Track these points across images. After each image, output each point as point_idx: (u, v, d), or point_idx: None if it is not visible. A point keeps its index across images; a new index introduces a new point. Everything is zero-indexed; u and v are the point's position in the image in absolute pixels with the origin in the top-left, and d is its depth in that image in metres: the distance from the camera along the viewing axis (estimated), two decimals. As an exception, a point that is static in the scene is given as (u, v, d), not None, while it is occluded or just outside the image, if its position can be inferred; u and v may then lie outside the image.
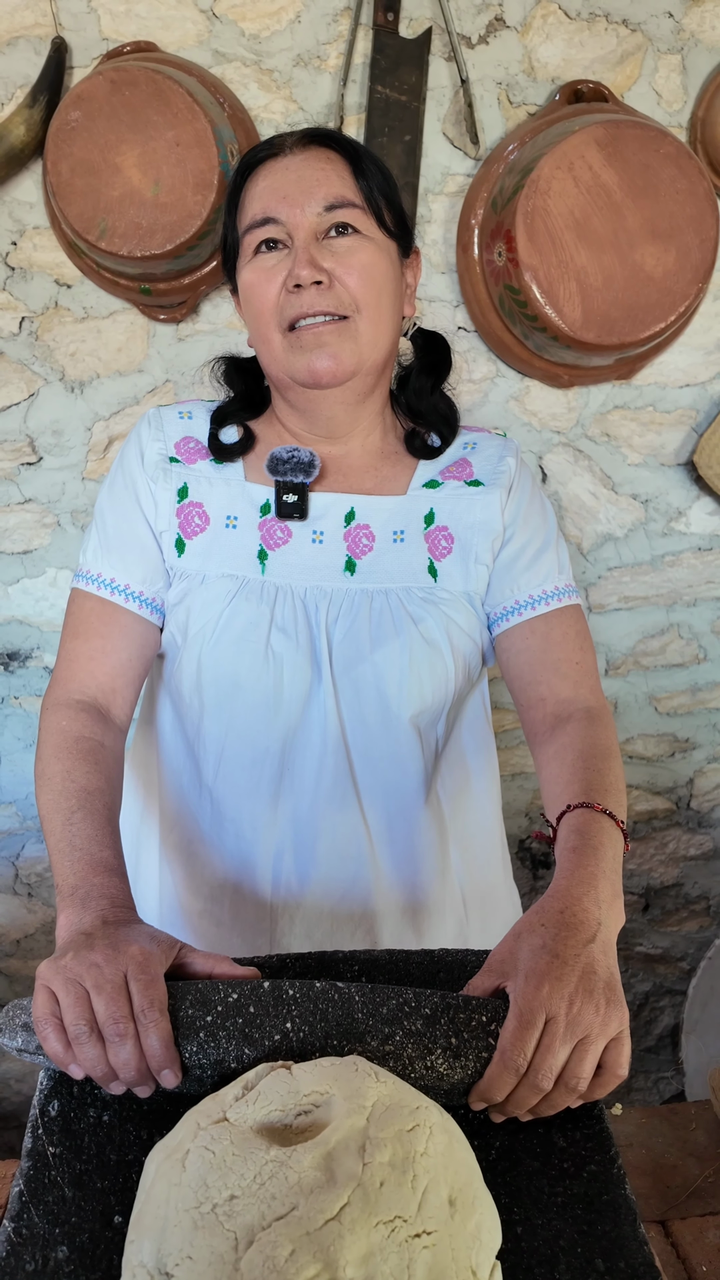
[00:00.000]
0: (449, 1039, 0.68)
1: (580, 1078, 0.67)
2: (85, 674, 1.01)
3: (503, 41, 1.53)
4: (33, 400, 1.61)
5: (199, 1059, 0.68)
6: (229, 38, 1.49)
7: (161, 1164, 0.60)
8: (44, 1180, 0.65)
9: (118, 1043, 0.67)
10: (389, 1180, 0.57)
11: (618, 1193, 0.66)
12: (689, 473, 1.75)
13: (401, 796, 1.07)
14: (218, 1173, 0.57)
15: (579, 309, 1.46)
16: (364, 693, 1.02)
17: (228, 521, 1.05)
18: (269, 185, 0.96)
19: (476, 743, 1.16)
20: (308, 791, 1.05)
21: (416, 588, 1.04)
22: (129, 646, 1.03)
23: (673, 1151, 1.04)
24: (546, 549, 1.07)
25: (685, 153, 1.45)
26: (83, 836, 0.85)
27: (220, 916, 1.10)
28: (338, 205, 0.95)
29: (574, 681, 1.03)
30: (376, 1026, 0.69)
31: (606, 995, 0.69)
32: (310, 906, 1.08)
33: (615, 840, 0.84)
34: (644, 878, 2.07)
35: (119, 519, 1.05)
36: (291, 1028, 0.69)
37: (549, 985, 0.68)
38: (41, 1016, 0.69)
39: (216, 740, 1.05)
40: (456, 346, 1.65)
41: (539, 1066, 0.66)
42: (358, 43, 1.50)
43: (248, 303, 1.00)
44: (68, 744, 0.94)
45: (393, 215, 1.00)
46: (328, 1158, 0.57)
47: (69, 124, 1.39)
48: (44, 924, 1.96)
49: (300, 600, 1.02)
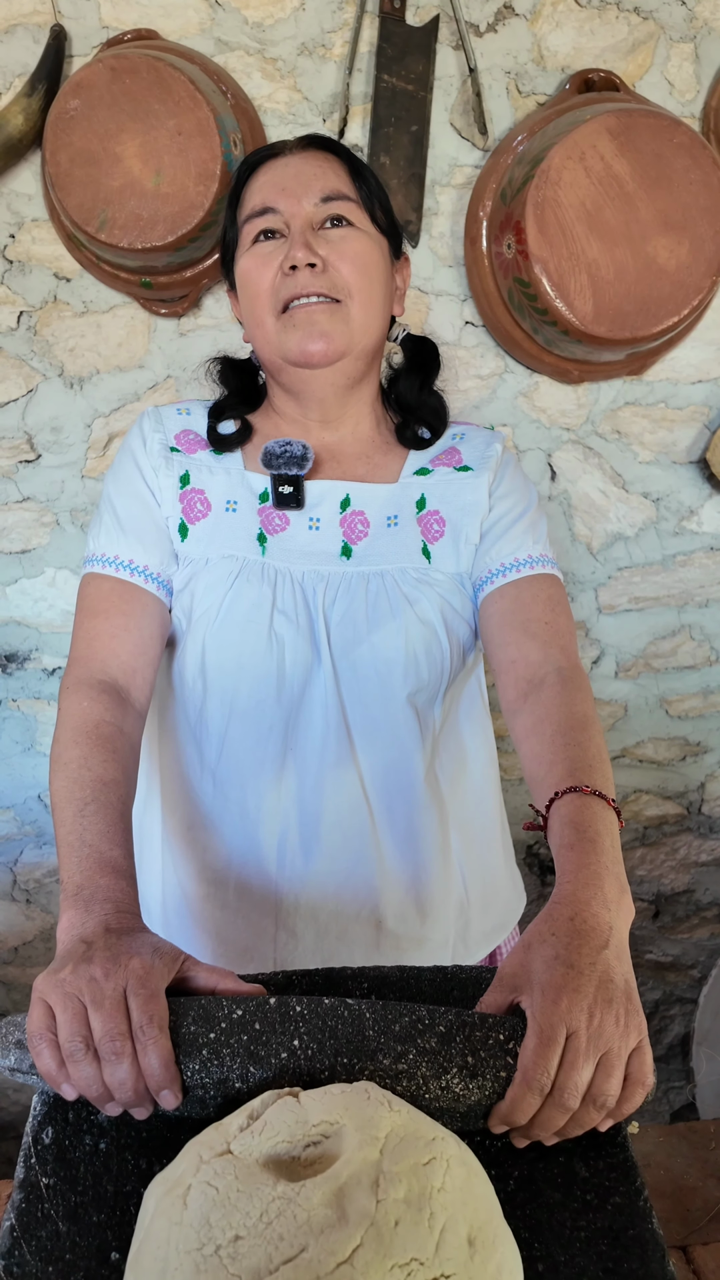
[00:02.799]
0: (465, 1058, 0.65)
1: (609, 1094, 0.64)
2: (107, 652, 1.00)
3: (512, 30, 1.49)
4: (31, 396, 1.58)
5: (201, 1078, 0.65)
6: (232, 26, 1.46)
7: (161, 1199, 0.56)
8: (36, 1214, 0.62)
9: (114, 1061, 0.64)
10: (404, 1219, 0.53)
11: (644, 1227, 0.62)
12: (701, 471, 1.72)
13: (401, 775, 1.08)
14: (221, 1211, 0.53)
15: (590, 302, 1.43)
16: (362, 672, 1.04)
17: (228, 506, 1.07)
18: (268, 179, 1.03)
19: (473, 726, 1.17)
20: (310, 770, 1.06)
21: (411, 569, 1.06)
22: (149, 625, 1.03)
23: (693, 1172, 1.00)
24: (521, 519, 1.08)
25: (699, 142, 1.42)
26: (93, 832, 0.83)
27: (225, 899, 1.09)
28: (334, 198, 1.01)
29: (544, 642, 1.00)
30: (389, 1044, 0.65)
31: (625, 1005, 0.67)
32: (315, 889, 1.08)
33: (610, 825, 0.81)
34: (654, 884, 2.03)
35: (130, 501, 1.07)
36: (299, 1045, 0.65)
37: (567, 999, 0.65)
38: (36, 1032, 0.66)
39: (220, 721, 1.06)
40: (464, 342, 1.62)
41: (564, 1085, 0.63)
42: (363, 31, 1.47)
43: (244, 288, 1.04)
44: (87, 728, 0.92)
45: (385, 217, 1.07)
46: (339, 1194, 0.53)
47: (68, 113, 1.36)
48: (42, 931, 1.93)
49: (299, 584, 1.04)
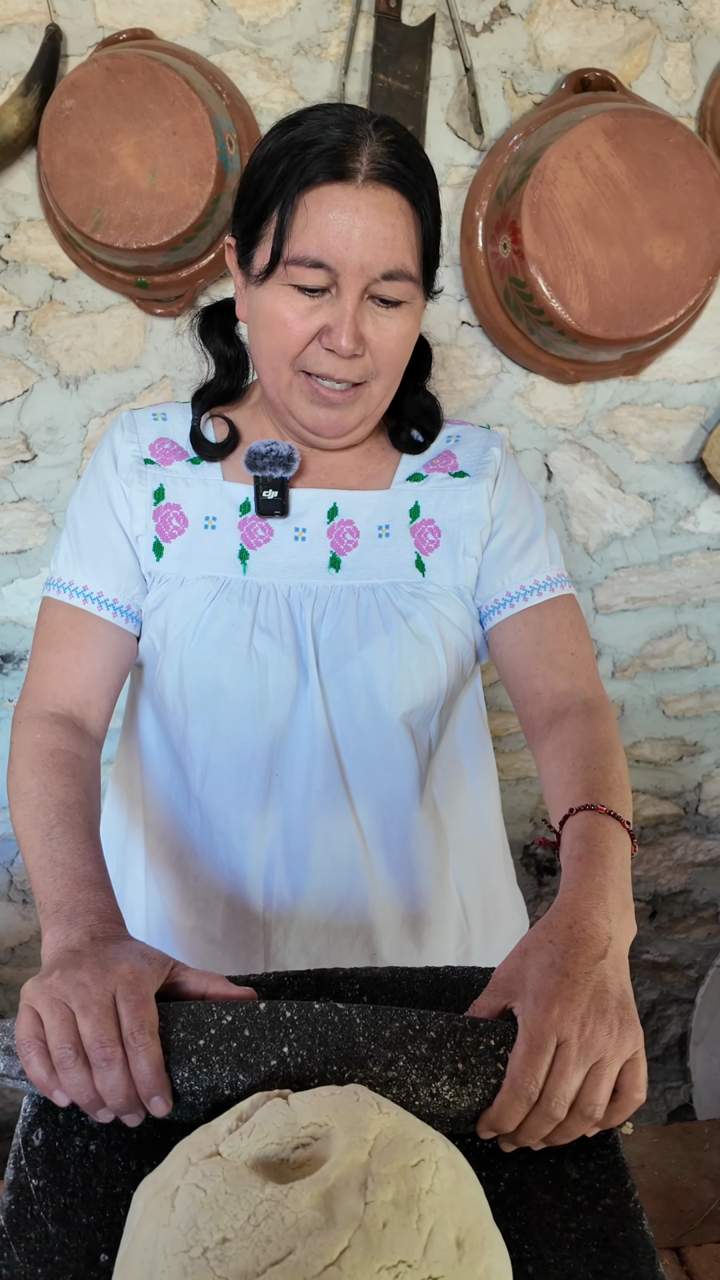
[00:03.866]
0: (455, 1064, 0.65)
1: (596, 1104, 0.64)
2: (59, 685, 0.98)
3: (508, 29, 1.49)
4: (27, 396, 1.58)
5: (191, 1085, 0.65)
6: (227, 25, 1.46)
7: (149, 1201, 0.56)
8: (26, 1215, 0.61)
9: (105, 1067, 0.63)
10: (392, 1221, 0.53)
11: (635, 1229, 0.62)
12: (698, 471, 1.72)
13: (395, 799, 1.04)
14: (209, 1213, 0.53)
15: (586, 302, 1.43)
16: (353, 692, 0.99)
17: (206, 522, 1.01)
18: (330, 220, 0.85)
19: (471, 744, 1.13)
20: (298, 797, 1.02)
21: (404, 583, 1.01)
22: (103, 656, 0.99)
23: (686, 1173, 1.00)
24: (536, 539, 1.05)
25: (695, 142, 1.41)
26: (64, 851, 0.81)
27: (212, 932, 1.07)
28: (396, 276, 0.88)
29: (570, 673, 0.99)
30: (379, 1051, 0.65)
31: (620, 1015, 0.66)
32: (305, 918, 1.05)
33: (622, 844, 0.81)
34: (651, 884, 2.03)
35: (91, 525, 1.01)
36: (289, 1052, 0.65)
37: (559, 1007, 0.65)
38: (25, 1040, 0.65)
39: (202, 747, 1.02)
40: (460, 342, 1.61)
41: (552, 1094, 0.63)
42: (359, 30, 1.46)
43: (266, 326, 0.92)
44: (43, 757, 0.91)
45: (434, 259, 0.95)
46: (327, 1196, 0.53)
47: (63, 112, 1.36)
48: (39, 931, 1.92)
49: (284, 599, 0.99)
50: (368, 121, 0.87)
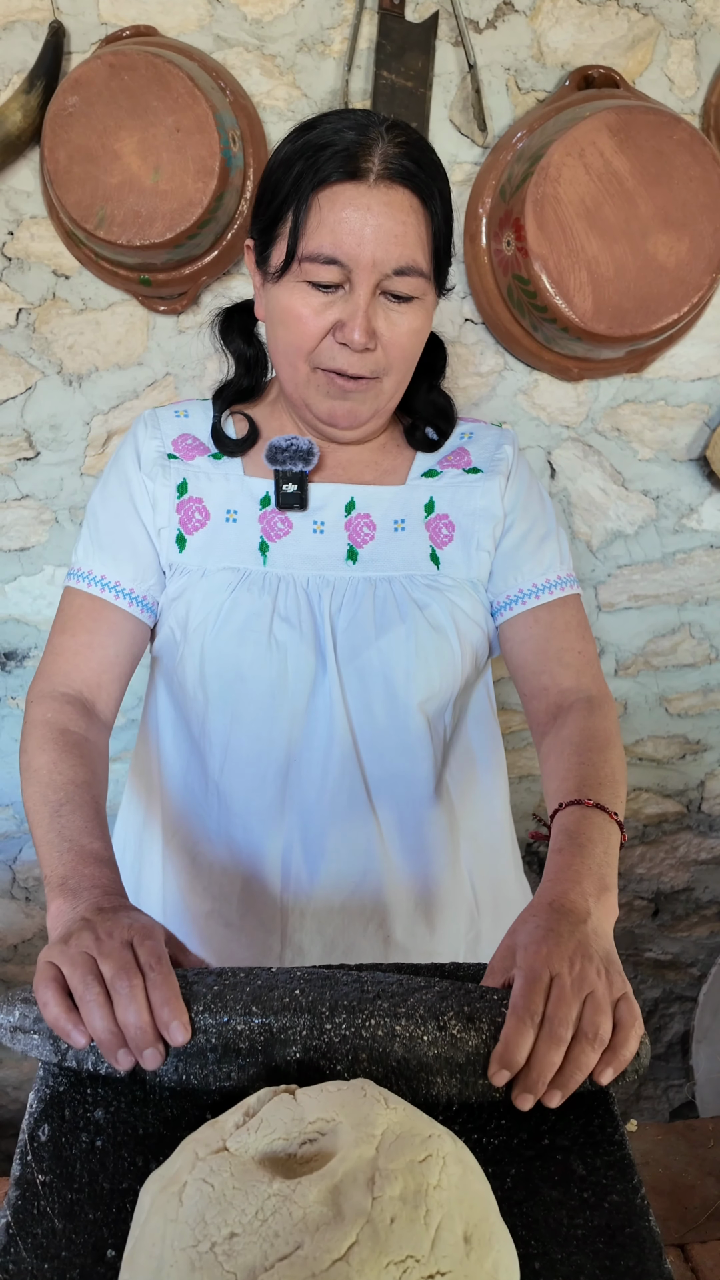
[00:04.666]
0: (461, 1007, 0.69)
1: (598, 1025, 0.67)
2: (71, 667, 1.01)
3: (511, 26, 1.49)
4: (30, 394, 1.58)
5: (205, 1021, 0.67)
6: (231, 22, 1.46)
7: (157, 1196, 0.56)
8: (32, 1211, 0.61)
9: (126, 994, 0.66)
10: (400, 1216, 0.53)
11: (641, 1225, 0.62)
12: (701, 468, 1.71)
13: (411, 786, 1.07)
14: (217, 1208, 0.53)
15: (590, 299, 1.43)
16: (370, 681, 1.01)
17: (228, 516, 1.04)
18: (344, 219, 0.88)
19: (483, 736, 1.15)
20: (314, 783, 1.04)
21: (420, 575, 1.04)
22: (116, 643, 1.02)
23: (691, 1171, 1.00)
24: (548, 537, 1.08)
25: (699, 139, 1.41)
26: (72, 828, 0.84)
27: (229, 917, 1.08)
28: (407, 271, 0.91)
29: (576, 671, 1.03)
30: (387, 994, 0.69)
31: (605, 963, 0.71)
32: (321, 902, 1.06)
33: (607, 834, 0.84)
34: (654, 882, 2.03)
35: (111, 517, 1.05)
36: (300, 992, 0.70)
37: (547, 948, 0.70)
38: (43, 981, 0.69)
39: (222, 733, 1.05)
40: (464, 339, 1.61)
41: (554, 1015, 0.66)
42: (363, 27, 1.46)
43: (282, 322, 0.95)
44: (53, 736, 0.94)
45: (445, 256, 0.98)
46: (334, 1191, 0.53)
47: (66, 109, 1.35)
48: (41, 929, 1.92)
49: (303, 590, 1.02)
50: (381, 124, 0.90)
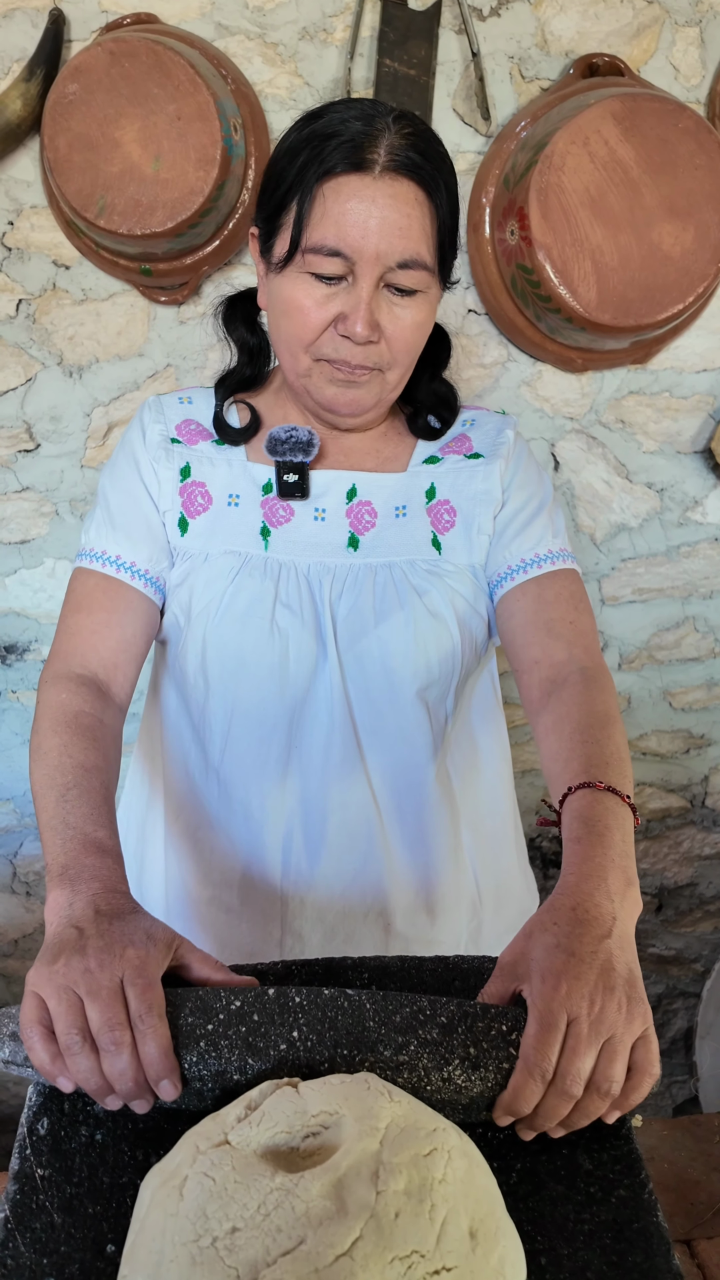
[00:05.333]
0: (467, 1049, 0.64)
1: (612, 1080, 0.63)
2: (88, 647, 0.98)
3: (515, 14, 1.48)
4: (30, 385, 1.57)
5: (199, 1070, 0.64)
6: (232, 10, 1.45)
7: (157, 1191, 0.55)
8: (31, 1205, 0.61)
9: (113, 1051, 0.62)
10: (405, 1210, 0.52)
11: (649, 1220, 0.61)
12: (706, 460, 1.70)
13: (410, 772, 1.06)
14: (218, 1202, 0.52)
15: (594, 289, 1.41)
16: (369, 667, 1.01)
17: (230, 500, 1.04)
18: (347, 211, 0.87)
19: (485, 723, 1.14)
20: (315, 769, 1.04)
21: (420, 560, 1.03)
22: (134, 622, 1.01)
23: (697, 1166, 0.99)
24: (539, 513, 1.06)
25: (705, 127, 1.40)
26: (77, 815, 0.81)
27: (230, 903, 1.08)
28: (411, 265, 0.90)
29: (568, 641, 0.99)
30: (389, 1035, 0.64)
31: (628, 992, 0.66)
32: (321, 888, 1.06)
33: (623, 820, 0.80)
34: (657, 878, 2.02)
35: (123, 497, 1.04)
36: (298, 1036, 0.64)
37: (567, 984, 0.64)
38: (28, 1023, 0.65)
39: (223, 719, 1.04)
40: (467, 330, 1.60)
41: (566, 1071, 0.62)
42: (365, 15, 1.45)
43: (285, 314, 0.94)
44: (66, 718, 0.91)
45: (450, 249, 0.96)
46: (338, 1185, 0.52)
47: (66, 97, 1.34)
48: (42, 924, 1.91)
49: (304, 576, 1.01)
50: (388, 115, 0.89)
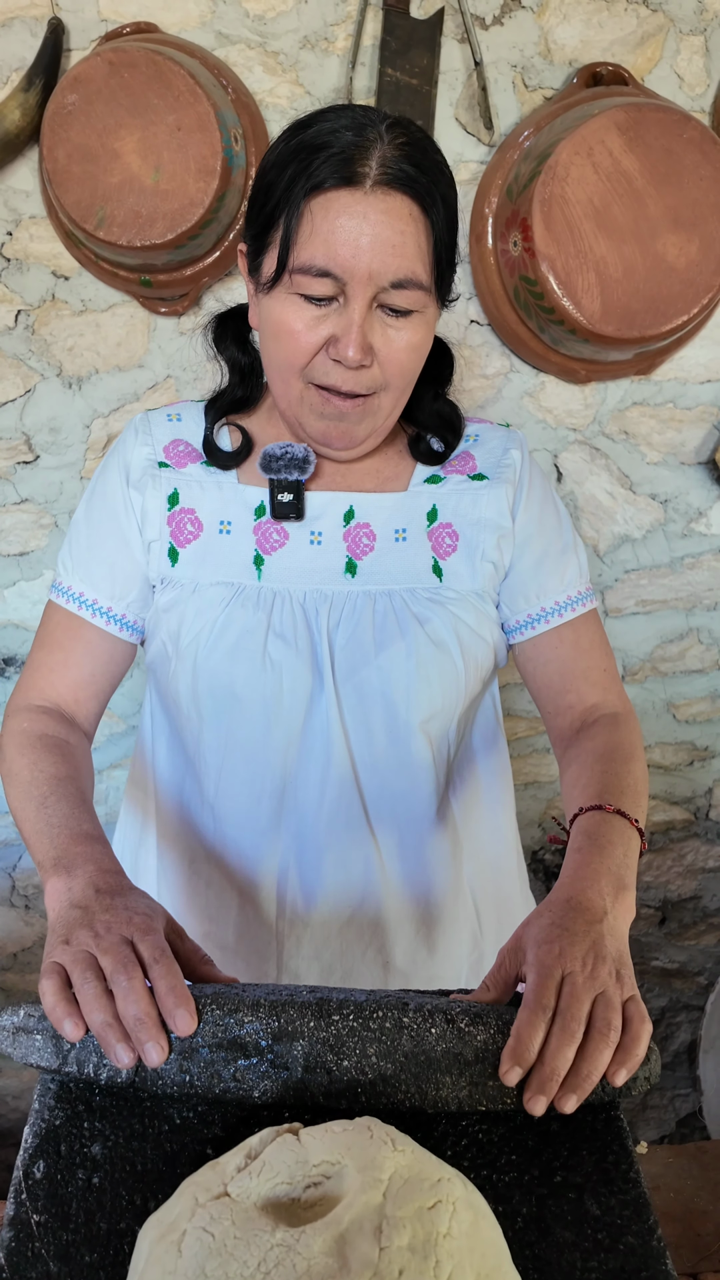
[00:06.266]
0: (469, 1007, 0.70)
1: (610, 1021, 0.66)
2: (46, 684, 1.01)
3: (518, 22, 1.46)
4: (29, 397, 1.56)
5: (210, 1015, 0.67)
6: (233, 19, 1.43)
7: (155, 1245, 0.54)
8: (26, 1253, 0.59)
9: (125, 987, 0.65)
10: (409, 1268, 0.51)
11: (658, 1269, 0.60)
12: (710, 472, 1.69)
13: (412, 808, 1.03)
14: (218, 1260, 0.51)
15: (598, 301, 1.40)
16: (369, 699, 0.98)
17: (221, 527, 1.00)
18: (337, 227, 0.82)
19: (488, 747, 1.12)
20: (311, 806, 1.00)
21: (421, 588, 1.00)
22: (91, 662, 1.02)
23: (703, 1195, 0.97)
24: (567, 552, 1.05)
25: (710, 138, 1.39)
26: (59, 815, 0.83)
27: (224, 939, 1.06)
28: (406, 284, 0.85)
29: (602, 688, 1.03)
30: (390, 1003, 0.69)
31: (617, 966, 0.70)
32: (318, 927, 1.04)
33: (627, 838, 0.83)
34: (661, 890, 2.01)
35: (91, 532, 1.02)
36: (307, 992, 0.70)
37: (561, 945, 0.70)
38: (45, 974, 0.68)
39: (216, 753, 1.01)
40: (469, 341, 1.59)
41: (566, 1010, 0.66)
42: (367, 24, 1.44)
43: (274, 337, 0.90)
44: (30, 740, 0.94)
45: (448, 266, 0.92)
46: (340, 1241, 0.51)
47: (66, 107, 1.33)
48: (41, 937, 1.90)
49: (299, 605, 0.98)
50: (381, 123, 0.84)
